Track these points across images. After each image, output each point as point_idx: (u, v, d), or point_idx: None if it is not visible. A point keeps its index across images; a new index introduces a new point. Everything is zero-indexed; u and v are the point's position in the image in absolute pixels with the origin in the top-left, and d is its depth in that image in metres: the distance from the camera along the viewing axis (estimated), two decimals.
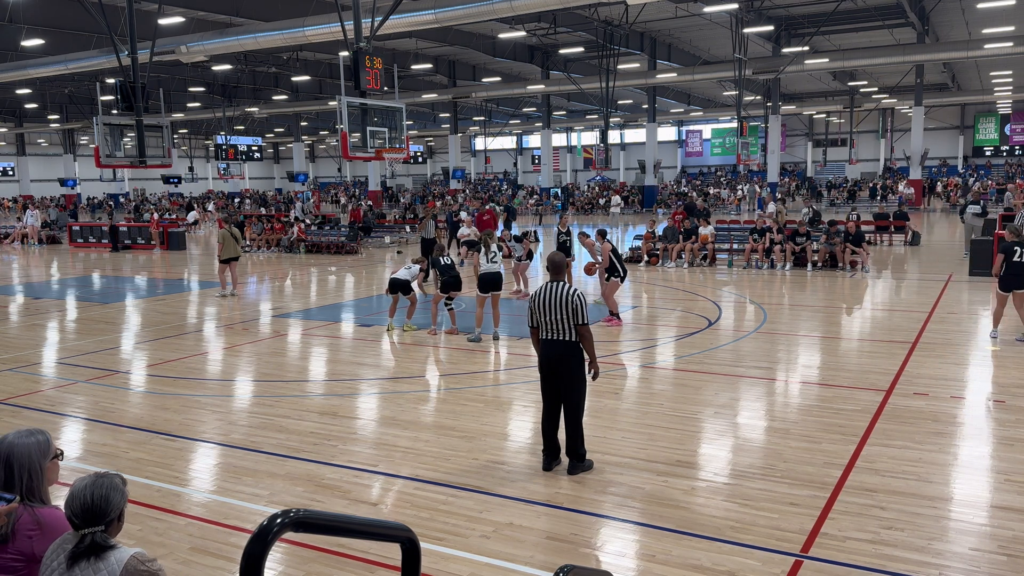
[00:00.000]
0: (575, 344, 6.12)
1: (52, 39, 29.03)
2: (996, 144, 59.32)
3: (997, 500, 5.55)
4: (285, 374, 9.80)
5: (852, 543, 4.92)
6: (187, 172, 58.44)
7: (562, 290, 6.12)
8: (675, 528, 5.20)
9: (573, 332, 6.09)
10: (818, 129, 64.58)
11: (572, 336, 6.10)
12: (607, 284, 12.39)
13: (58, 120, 54.07)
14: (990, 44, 30.65)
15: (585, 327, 6.10)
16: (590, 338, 6.16)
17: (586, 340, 6.13)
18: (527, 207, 46.39)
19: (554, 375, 6.16)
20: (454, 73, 44.19)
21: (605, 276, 12.44)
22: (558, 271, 6.40)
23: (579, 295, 6.13)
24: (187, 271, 21.63)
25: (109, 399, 8.72)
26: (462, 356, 10.55)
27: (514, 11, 21.84)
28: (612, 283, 12.32)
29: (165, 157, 19.78)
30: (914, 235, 22.97)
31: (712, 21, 33.53)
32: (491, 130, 64.24)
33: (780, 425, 7.32)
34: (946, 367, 9.24)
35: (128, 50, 18.69)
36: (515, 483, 6.03)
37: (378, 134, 15.49)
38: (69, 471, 6.37)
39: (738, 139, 34.96)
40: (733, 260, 19.74)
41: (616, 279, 12.32)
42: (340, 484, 6.11)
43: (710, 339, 11.12)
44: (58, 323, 13.92)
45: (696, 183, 58.54)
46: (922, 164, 41.29)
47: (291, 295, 16.74)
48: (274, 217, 29.14)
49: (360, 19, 15.80)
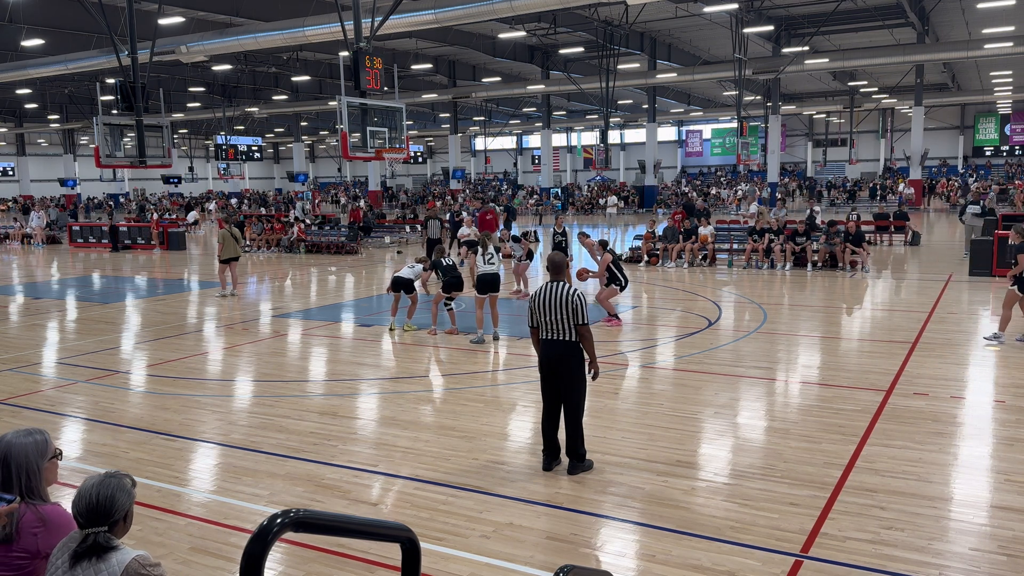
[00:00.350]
0: (575, 344, 6.12)
1: (52, 39, 29.03)
2: (996, 144, 59.32)
3: (997, 500, 5.55)
4: (285, 374, 9.80)
5: (852, 543, 4.92)
6: (187, 172, 58.45)
7: (562, 290, 6.11)
8: (675, 528, 5.20)
9: (573, 332, 6.09)
10: (818, 129, 64.58)
11: (572, 336, 6.10)
12: (606, 289, 12.44)
13: (58, 120, 54.06)
14: (990, 44, 30.65)
15: (585, 327, 6.10)
16: (590, 338, 6.16)
17: (586, 340, 6.13)
18: (527, 207, 46.39)
19: (554, 375, 6.17)
20: (454, 73, 44.20)
21: (605, 281, 12.46)
22: (558, 271, 6.40)
23: (579, 295, 6.13)
24: (187, 271, 21.63)
25: (109, 399, 8.72)
26: (462, 356, 10.55)
27: (514, 11, 21.84)
28: (611, 289, 12.37)
29: (165, 157, 19.78)
30: (914, 235, 22.97)
31: (712, 21, 33.53)
32: (491, 130, 64.24)
33: (780, 425, 7.32)
34: (946, 367, 9.24)
35: (128, 50, 18.69)
36: (515, 483, 6.03)
37: (378, 134, 15.49)
38: (69, 471, 6.38)
39: (738, 139, 34.98)
40: (733, 260, 19.74)
41: (616, 287, 12.37)
42: (340, 484, 6.11)
43: (710, 339, 11.12)
44: (58, 323, 13.93)
45: (696, 183, 58.54)
46: (922, 164, 41.29)
47: (291, 295, 16.75)
48: (274, 217, 29.15)
49: (360, 19, 15.80)
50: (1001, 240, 16.18)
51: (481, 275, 11.44)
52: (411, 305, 12.21)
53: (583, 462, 6.18)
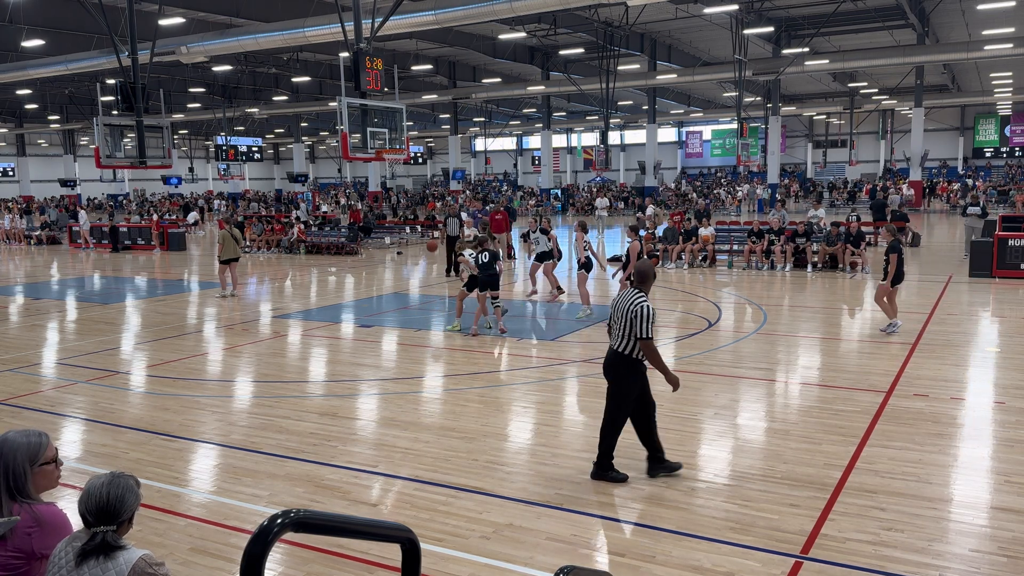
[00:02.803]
0: (622, 355, 5.92)
1: (52, 39, 29.04)
2: (996, 145, 59.32)
3: (997, 501, 5.55)
4: (285, 375, 9.79)
5: (852, 544, 4.92)
6: (187, 173, 58.45)
7: (630, 298, 5.92)
8: (675, 529, 5.19)
9: (624, 343, 5.90)
10: (818, 130, 64.58)
11: (623, 346, 5.91)
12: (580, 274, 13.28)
13: (58, 120, 54.07)
14: (990, 45, 30.67)
15: (644, 341, 5.80)
16: (651, 352, 5.86)
17: (648, 354, 5.88)
18: (527, 208, 46.39)
19: (608, 382, 6.07)
20: (454, 74, 44.21)
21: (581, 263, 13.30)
22: (642, 280, 6.06)
23: (642, 307, 5.82)
24: (187, 272, 21.63)
25: (109, 400, 8.72)
26: (462, 356, 10.55)
27: (514, 12, 21.84)
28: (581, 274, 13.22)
29: (165, 158, 19.81)
30: (914, 236, 22.96)
31: (712, 22, 33.53)
32: (491, 131, 64.26)
33: (780, 426, 7.32)
34: (946, 368, 9.24)
35: (128, 51, 18.70)
36: (515, 483, 6.03)
37: (378, 135, 15.49)
38: (70, 471, 6.37)
39: (738, 140, 34.99)
40: (733, 261, 19.75)
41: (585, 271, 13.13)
42: (340, 485, 6.11)
43: (710, 340, 11.12)
44: (58, 323, 13.93)
45: (696, 184, 58.55)
46: (922, 165, 41.31)
47: (291, 296, 16.75)
48: (274, 218, 29.15)
49: (360, 20, 15.81)
50: (1001, 242, 16.19)
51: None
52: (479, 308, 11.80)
53: (606, 471, 6.03)
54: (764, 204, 40.06)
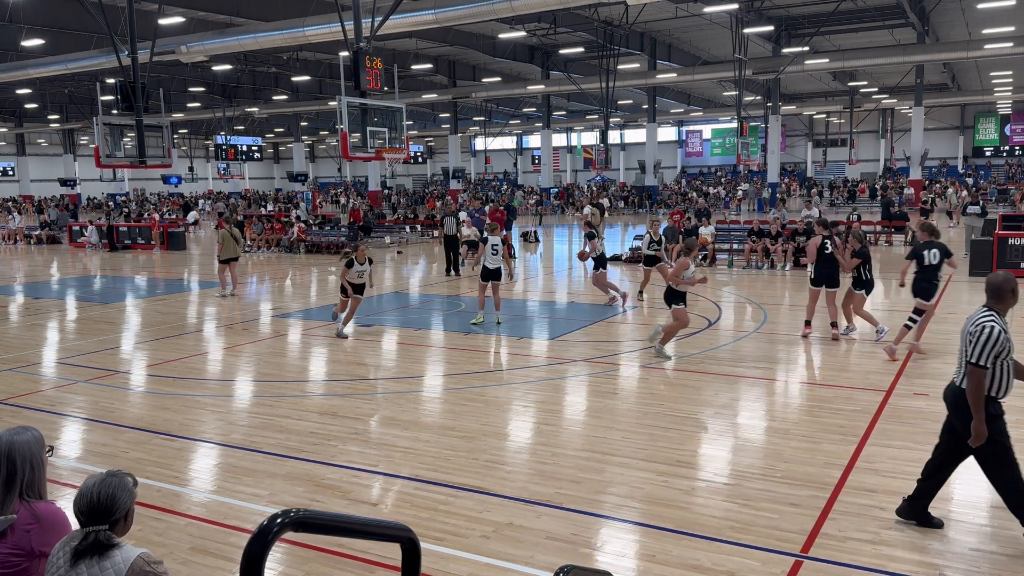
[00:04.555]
0: (961, 391, 4.79)
1: (52, 39, 29.02)
2: (996, 144, 59.31)
3: (997, 500, 5.52)
4: (285, 374, 9.79)
5: (852, 543, 4.92)
6: (187, 172, 58.44)
7: (976, 316, 4.78)
8: (675, 528, 5.19)
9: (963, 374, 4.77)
10: (818, 129, 64.57)
11: (961, 379, 4.82)
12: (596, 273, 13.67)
13: (58, 120, 54.04)
14: (990, 44, 30.65)
15: (975, 368, 4.62)
16: (975, 385, 4.64)
17: (970, 384, 4.67)
18: (527, 207, 46.37)
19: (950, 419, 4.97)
20: (454, 73, 44.18)
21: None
22: (996, 296, 4.78)
23: (984, 326, 4.64)
24: (187, 271, 21.63)
25: (109, 399, 8.72)
26: (462, 356, 10.55)
27: (514, 11, 21.83)
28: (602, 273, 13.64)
29: (165, 157, 19.79)
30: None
31: (712, 21, 33.51)
32: (491, 130, 64.20)
33: (780, 425, 7.31)
34: (946, 367, 9.22)
35: (128, 50, 18.68)
36: (515, 483, 6.03)
37: (378, 134, 15.48)
38: (70, 471, 6.38)
39: (738, 139, 34.96)
40: (733, 260, 19.74)
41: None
42: (340, 484, 6.11)
43: (710, 339, 11.12)
44: (58, 323, 13.92)
45: (696, 183, 58.53)
46: (922, 164, 41.28)
47: (291, 295, 16.74)
48: (274, 217, 29.14)
49: (360, 19, 15.80)
50: (1001, 240, 16.19)
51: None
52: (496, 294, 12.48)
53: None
54: (764, 204, 40.06)
